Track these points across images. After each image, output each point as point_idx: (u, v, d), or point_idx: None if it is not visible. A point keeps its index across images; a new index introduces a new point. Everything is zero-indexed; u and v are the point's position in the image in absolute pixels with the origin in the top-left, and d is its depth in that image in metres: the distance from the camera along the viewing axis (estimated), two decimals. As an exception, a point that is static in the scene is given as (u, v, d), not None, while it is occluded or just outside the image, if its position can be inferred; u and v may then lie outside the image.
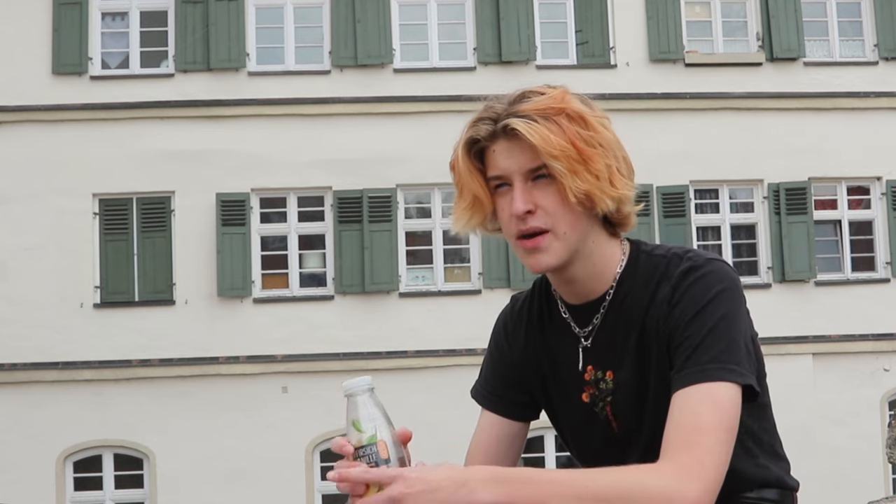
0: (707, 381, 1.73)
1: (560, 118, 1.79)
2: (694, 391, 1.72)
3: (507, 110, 1.83)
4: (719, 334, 1.77)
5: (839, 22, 17.87)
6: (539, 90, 1.85)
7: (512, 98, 1.85)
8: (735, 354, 1.76)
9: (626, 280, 1.90)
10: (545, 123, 1.78)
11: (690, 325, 1.78)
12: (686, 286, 1.81)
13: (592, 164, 1.79)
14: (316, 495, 16.43)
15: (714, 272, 1.82)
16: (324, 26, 17.14)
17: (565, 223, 1.82)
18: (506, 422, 2.03)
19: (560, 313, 1.97)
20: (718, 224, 17.46)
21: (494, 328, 2.10)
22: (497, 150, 1.84)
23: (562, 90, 1.84)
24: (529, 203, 1.81)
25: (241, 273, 16.48)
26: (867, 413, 16.90)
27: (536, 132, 1.77)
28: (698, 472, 1.65)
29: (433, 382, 16.33)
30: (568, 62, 17.26)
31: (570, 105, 1.81)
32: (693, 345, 1.77)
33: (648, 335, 1.86)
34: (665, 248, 1.92)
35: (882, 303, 17.10)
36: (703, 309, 1.78)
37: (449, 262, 17.11)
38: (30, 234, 16.33)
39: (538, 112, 1.80)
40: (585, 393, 1.94)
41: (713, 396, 1.72)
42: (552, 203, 1.81)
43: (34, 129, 16.50)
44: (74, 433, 16.08)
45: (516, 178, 1.83)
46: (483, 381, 2.08)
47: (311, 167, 16.75)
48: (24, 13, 16.67)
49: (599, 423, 1.94)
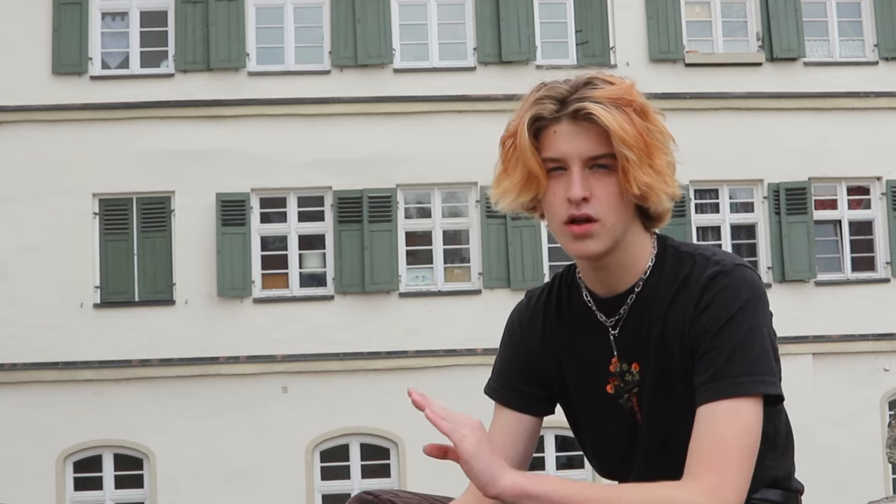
0: (735, 396, 1.76)
1: (629, 109, 1.80)
2: (722, 407, 1.76)
3: (577, 94, 1.82)
4: (748, 345, 1.79)
5: (839, 22, 17.86)
6: (606, 78, 1.85)
7: (578, 83, 1.85)
8: (765, 365, 1.80)
9: (654, 275, 1.91)
10: (618, 112, 1.79)
11: (720, 334, 1.80)
12: (715, 292, 1.82)
13: (655, 158, 1.82)
14: (316, 495, 16.43)
15: (743, 278, 1.83)
16: (324, 26, 17.14)
17: (615, 215, 1.83)
18: (522, 418, 2.02)
19: (584, 303, 1.97)
20: (718, 224, 17.47)
21: (508, 323, 2.09)
22: (559, 131, 1.83)
23: (629, 82, 1.85)
24: (587, 190, 1.81)
25: (241, 273, 16.48)
26: (867, 413, 16.90)
27: (615, 120, 1.78)
28: (723, 495, 1.70)
29: (433, 382, 16.32)
30: (568, 62, 17.25)
31: (637, 98, 1.82)
32: (723, 356, 1.79)
33: (670, 333, 1.87)
34: (692, 246, 1.93)
35: (882, 303, 17.11)
36: (732, 318, 1.80)
37: (449, 262, 17.11)
38: (30, 234, 16.33)
39: (611, 100, 1.80)
40: (610, 384, 1.94)
41: (739, 415, 1.75)
42: (608, 194, 1.82)
43: (34, 129, 16.50)
44: (74, 433, 16.08)
45: (575, 163, 1.82)
46: (497, 377, 2.06)
47: (311, 167, 16.75)
48: (24, 13, 16.67)
49: (622, 415, 1.94)
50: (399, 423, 16.25)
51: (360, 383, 16.40)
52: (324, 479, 16.50)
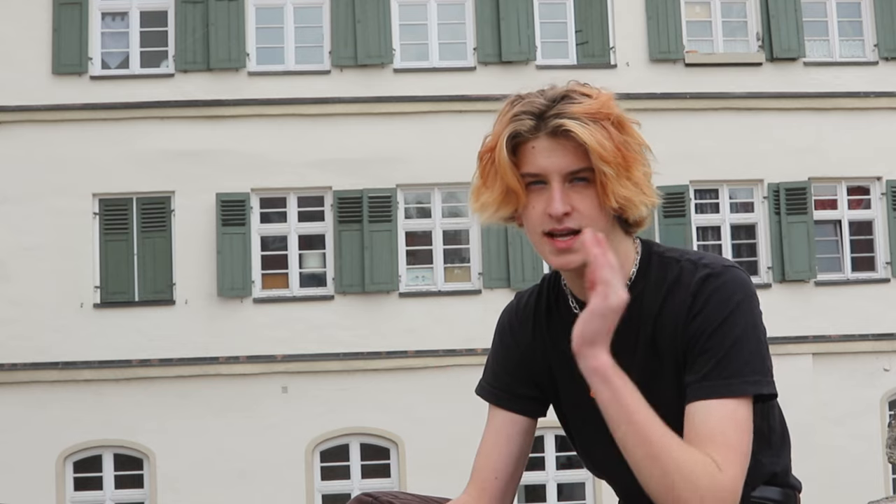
0: (730, 396, 1.77)
1: (606, 123, 1.81)
2: (716, 406, 1.77)
3: (554, 109, 1.82)
4: (742, 346, 1.80)
5: (839, 22, 17.87)
6: (582, 90, 1.85)
7: (555, 96, 1.84)
8: (756, 365, 1.80)
9: (639, 281, 1.92)
10: (596, 127, 1.80)
11: (713, 336, 1.81)
12: (707, 295, 1.83)
13: (633, 171, 1.82)
14: (316, 495, 16.43)
15: (734, 280, 1.85)
16: (324, 26, 17.15)
17: (597, 225, 1.84)
18: (516, 419, 2.03)
19: (571, 309, 1.98)
20: (718, 224, 17.47)
21: (498, 325, 2.10)
22: (538, 147, 1.83)
23: (607, 94, 1.85)
24: (567, 205, 1.83)
25: (241, 273, 16.48)
26: (867, 413, 16.90)
27: (592, 136, 1.78)
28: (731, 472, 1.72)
29: (433, 382, 16.33)
30: (568, 62, 17.26)
31: (614, 110, 1.83)
32: (715, 358, 1.80)
33: (659, 338, 1.88)
34: (677, 251, 1.94)
35: (882, 303, 17.11)
36: (725, 320, 1.81)
37: (449, 262, 17.11)
38: (30, 234, 16.33)
39: (589, 115, 1.80)
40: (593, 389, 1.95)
41: (735, 416, 1.76)
42: (588, 206, 1.83)
43: (34, 129, 16.50)
44: (74, 433, 16.08)
45: (555, 179, 1.83)
46: (490, 378, 2.08)
47: (311, 167, 16.75)
48: (24, 13, 16.68)
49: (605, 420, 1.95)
50: (399, 423, 16.26)
51: (360, 383, 16.40)
52: (324, 480, 16.50)
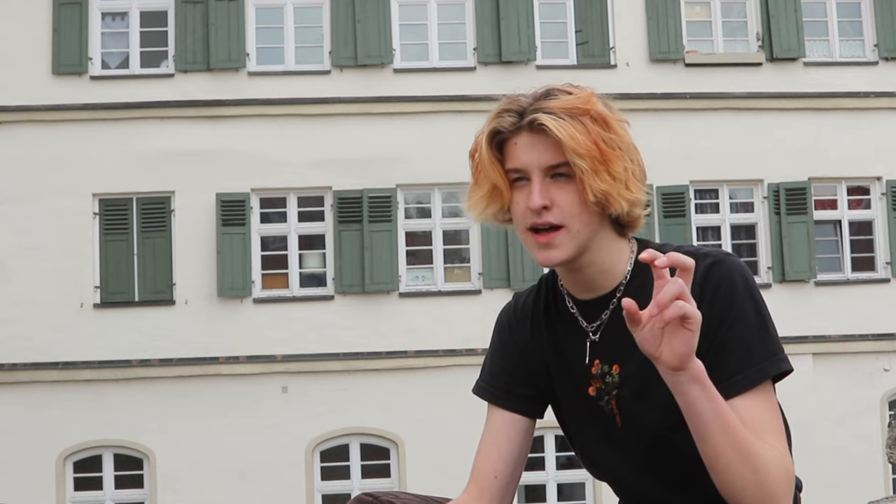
0: (763, 381, 1.82)
1: (585, 118, 1.84)
2: (755, 396, 1.82)
3: (534, 105, 1.86)
4: (762, 329, 1.85)
5: (839, 22, 17.87)
6: (565, 89, 1.89)
7: (538, 94, 1.89)
8: (778, 342, 1.86)
9: (636, 277, 1.94)
10: (571, 122, 1.83)
11: (734, 324, 1.84)
12: (716, 283, 1.86)
13: (612, 165, 1.84)
14: (316, 495, 16.43)
15: (736, 265, 1.90)
16: (324, 26, 17.15)
17: (579, 222, 1.87)
18: (515, 418, 2.03)
19: (567, 308, 2.00)
20: (718, 224, 17.47)
21: (497, 325, 2.11)
22: (519, 143, 1.88)
23: (588, 91, 1.88)
24: (546, 199, 1.86)
25: (241, 273, 16.48)
26: (867, 413, 16.90)
27: (564, 130, 1.82)
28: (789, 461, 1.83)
29: (433, 382, 16.33)
30: (568, 62, 17.26)
31: (595, 107, 1.85)
32: (744, 344, 1.83)
33: None
34: (670, 246, 1.94)
35: (882, 303, 17.11)
36: (741, 307, 1.85)
37: (449, 262, 17.12)
38: (30, 234, 16.33)
39: (565, 111, 1.83)
40: (592, 387, 1.97)
41: (770, 400, 1.84)
42: (569, 202, 1.86)
43: (34, 129, 16.50)
44: (74, 433, 16.08)
45: (535, 173, 1.87)
46: (488, 378, 2.08)
47: (311, 167, 16.76)
48: (24, 13, 16.68)
49: (604, 417, 1.96)
50: (399, 423, 16.26)
51: (360, 383, 16.41)
52: (324, 480, 16.50)
